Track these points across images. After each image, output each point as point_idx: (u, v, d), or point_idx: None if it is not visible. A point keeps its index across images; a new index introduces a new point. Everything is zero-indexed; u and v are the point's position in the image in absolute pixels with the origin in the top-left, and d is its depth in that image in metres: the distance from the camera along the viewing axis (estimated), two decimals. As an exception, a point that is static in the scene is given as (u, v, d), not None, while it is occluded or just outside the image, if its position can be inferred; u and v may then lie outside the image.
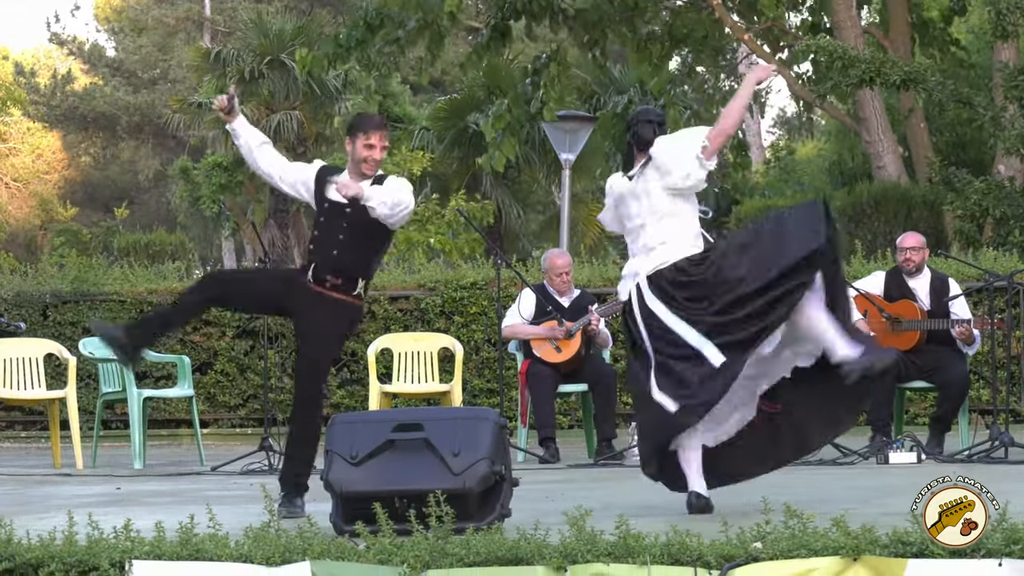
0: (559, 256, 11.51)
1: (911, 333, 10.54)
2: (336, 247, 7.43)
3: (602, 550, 4.96)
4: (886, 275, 10.91)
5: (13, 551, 5.20)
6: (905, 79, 18.28)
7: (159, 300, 15.02)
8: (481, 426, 6.32)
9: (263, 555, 5.08)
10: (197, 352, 14.93)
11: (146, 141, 44.09)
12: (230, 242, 38.65)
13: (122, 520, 5.36)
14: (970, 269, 13.24)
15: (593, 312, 11.06)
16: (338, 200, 7.45)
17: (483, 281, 14.78)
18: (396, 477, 6.17)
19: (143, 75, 45.43)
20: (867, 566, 4.84)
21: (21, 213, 44.49)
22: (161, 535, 5.25)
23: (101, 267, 16.21)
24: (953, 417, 10.69)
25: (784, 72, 22.34)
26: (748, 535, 4.98)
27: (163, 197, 45.10)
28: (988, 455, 9.91)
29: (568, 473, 9.94)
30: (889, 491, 7.82)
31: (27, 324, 14.05)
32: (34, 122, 45.16)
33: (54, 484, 9.67)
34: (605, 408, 11.05)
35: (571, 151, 18.61)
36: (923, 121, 22.73)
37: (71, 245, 32.08)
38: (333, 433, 6.40)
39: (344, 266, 7.42)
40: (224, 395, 15.10)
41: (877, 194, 21.70)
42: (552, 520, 5.31)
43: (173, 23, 43.94)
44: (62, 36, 47.64)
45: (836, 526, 4.97)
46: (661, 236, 7.09)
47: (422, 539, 5.11)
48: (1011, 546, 4.83)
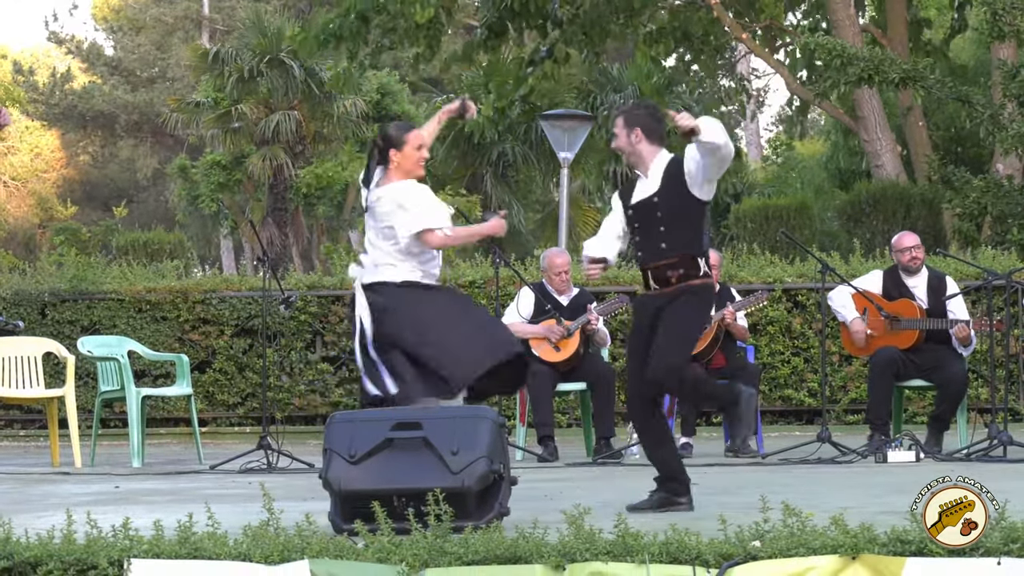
0: (558, 255, 11.49)
1: (910, 332, 10.54)
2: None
3: (601, 549, 4.96)
4: (884, 274, 10.91)
5: (11, 550, 5.19)
6: (904, 77, 18.30)
7: (158, 299, 15.03)
8: (480, 425, 6.32)
9: (262, 554, 5.08)
10: (195, 351, 14.93)
11: (144, 140, 44.11)
12: (228, 241, 38.68)
13: (121, 519, 5.35)
14: (969, 268, 13.25)
15: (592, 311, 11.06)
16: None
17: (482, 280, 14.78)
18: (395, 476, 6.16)
19: (141, 74, 45.44)
20: (866, 565, 4.84)
21: (20, 212, 44.48)
22: (160, 534, 5.25)
23: (100, 266, 16.21)
24: (952, 416, 10.69)
25: (782, 70, 22.35)
26: (747, 534, 4.98)
27: (161, 196, 45.12)
28: (987, 454, 9.91)
29: (567, 472, 9.94)
30: (888, 490, 7.82)
31: (26, 323, 14.06)
32: (33, 121, 45.17)
33: (52, 483, 9.67)
34: (604, 407, 11.04)
35: (569, 150, 18.60)
36: (922, 119, 22.75)
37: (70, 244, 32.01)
38: (332, 432, 6.39)
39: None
40: (223, 394, 15.10)
41: (875, 193, 21.73)
42: (551, 519, 5.31)
43: (171, 22, 43.94)
44: (60, 35, 47.66)
45: (835, 525, 4.97)
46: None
47: (421, 538, 5.11)
48: (1010, 545, 4.83)
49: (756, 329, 14.48)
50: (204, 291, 15.14)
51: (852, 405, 14.54)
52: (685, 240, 7.17)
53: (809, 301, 14.67)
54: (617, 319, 14.05)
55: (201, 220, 35.01)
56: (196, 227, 37.23)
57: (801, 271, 14.89)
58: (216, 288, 15.24)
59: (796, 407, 14.81)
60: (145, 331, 14.85)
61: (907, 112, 22.70)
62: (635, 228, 7.32)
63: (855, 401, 14.45)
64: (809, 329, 14.65)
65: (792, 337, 14.73)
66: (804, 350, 14.73)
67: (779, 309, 14.61)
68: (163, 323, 15.03)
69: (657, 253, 7.19)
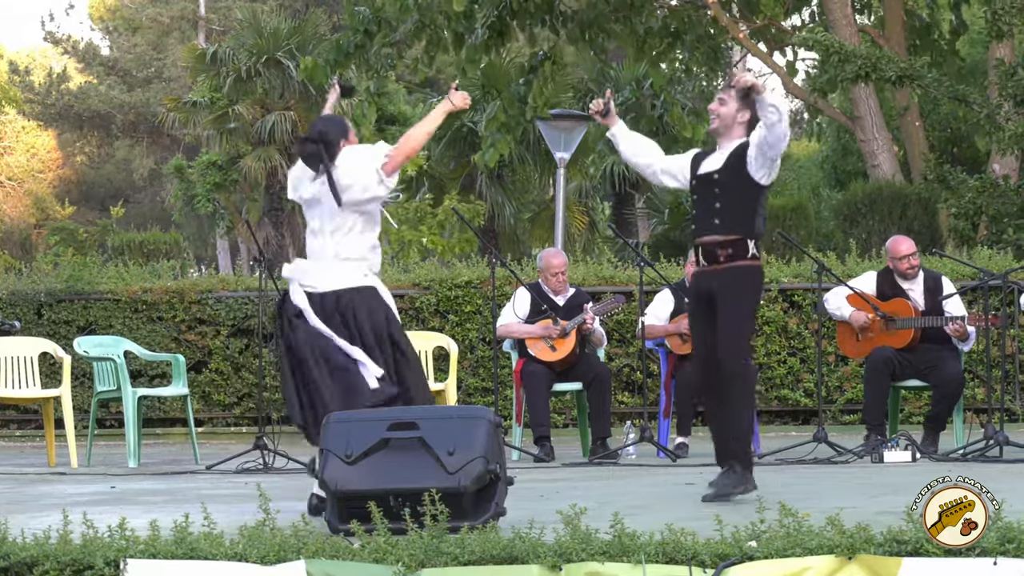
0: (555, 255, 11.48)
1: (905, 331, 10.54)
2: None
3: (597, 549, 4.96)
4: (878, 275, 10.89)
5: (8, 550, 5.19)
6: (901, 75, 18.30)
7: (154, 299, 15.02)
8: (476, 425, 6.32)
9: (258, 554, 5.08)
10: (192, 351, 14.92)
11: (141, 140, 44.10)
12: (225, 241, 38.65)
13: (117, 519, 5.35)
14: (965, 268, 13.25)
15: (588, 311, 11.06)
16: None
17: (478, 280, 14.77)
18: (391, 476, 6.16)
19: (138, 74, 45.43)
20: (862, 565, 4.84)
21: (16, 212, 44.50)
22: (156, 534, 5.25)
23: (96, 266, 16.20)
24: (948, 416, 10.70)
25: (779, 70, 22.34)
26: (743, 534, 4.98)
27: (158, 196, 45.12)
28: (983, 454, 9.91)
29: (563, 472, 9.94)
30: (884, 490, 7.82)
31: (22, 323, 14.04)
32: (29, 121, 45.18)
33: (49, 483, 9.66)
34: (600, 407, 11.04)
35: (566, 149, 18.61)
36: (918, 119, 22.75)
37: (66, 244, 32.06)
38: (328, 432, 6.39)
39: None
40: (219, 394, 15.09)
41: (871, 193, 21.71)
42: (547, 519, 5.31)
43: (168, 22, 43.92)
44: (57, 35, 47.63)
45: (831, 525, 4.97)
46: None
47: (417, 538, 5.10)
48: (1006, 545, 4.83)
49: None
50: (200, 291, 15.13)
51: (848, 405, 14.53)
52: (739, 220, 7.48)
53: (805, 301, 14.66)
54: (613, 319, 14.05)
55: (197, 220, 35.00)
56: (192, 227, 37.23)
57: (797, 271, 14.89)
58: (212, 288, 15.23)
59: (792, 407, 14.81)
60: (141, 331, 14.85)
61: (904, 112, 22.70)
62: (694, 200, 7.71)
63: (851, 401, 14.45)
64: (805, 329, 14.65)
65: (788, 337, 14.73)
66: (800, 350, 14.73)
67: (775, 309, 14.61)
68: (159, 323, 15.02)
69: (710, 228, 7.53)
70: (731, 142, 7.57)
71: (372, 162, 7.22)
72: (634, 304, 13.70)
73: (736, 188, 7.48)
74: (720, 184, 7.51)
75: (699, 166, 7.67)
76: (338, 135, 7.34)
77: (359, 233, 7.28)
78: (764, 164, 7.46)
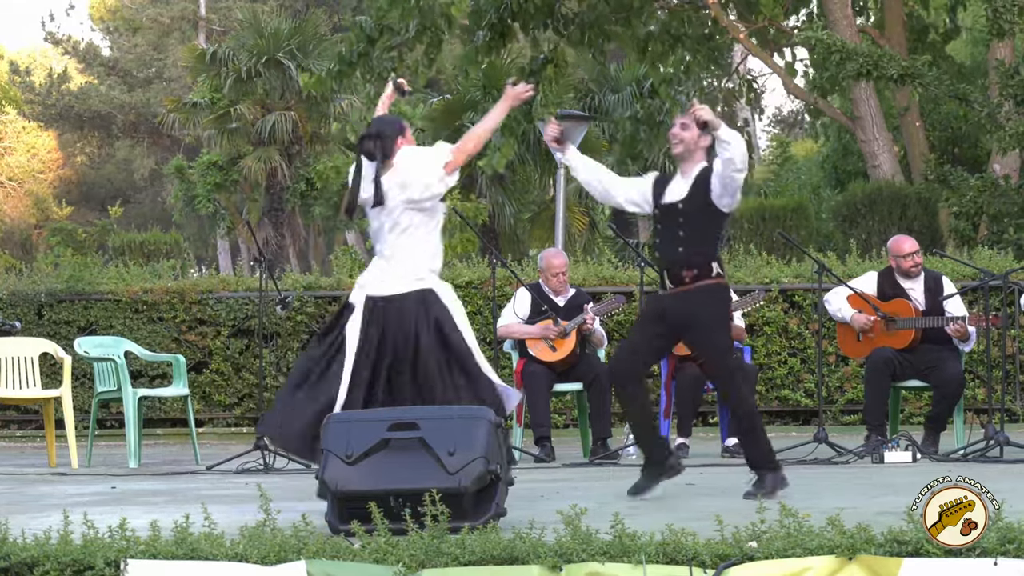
0: (556, 256, 11.48)
1: (906, 332, 10.53)
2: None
3: (597, 549, 4.96)
4: (878, 275, 10.88)
5: (8, 550, 5.19)
6: (902, 74, 18.30)
7: (154, 299, 15.02)
8: (476, 425, 6.31)
9: (258, 554, 5.08)
10: (192, 351, 14.92)
11: (141, 140, 44.12)
12: (225, 241, 38.65)
13: (117, 519, 5.35)
14: (966, 268, 13.24)
15: (588, 311, 11.05)
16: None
17: (478, 280, 14.76)
18: (391, 476, 6.16)
19: (138, 74, 45.45)
20: (862, 565, 4.84)
21: (16, 212, 44.50)
22: (156, 534, 5.25)
23: (96, 266, 16.21)
24: (948, 416, 10.69)
25: (779, 70, 22.35)
26: (743, 534, 4.98)
27: (158, 196, 45.13)
28: (983, 454, 9.91)
29: (563, 472, 9.94)
30: (884, 490, 7.82)
31: (22, 323, 14.04)
32: (29, 121, 45.19)
33: (49, 483, 9.66)
34: (600, 407, 11.03)
35: (566, 150, 18.55)
36: (918, 119, 22.76)
37: (66, 244, 32.11)
38: (328, 432, 6.38)
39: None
40: (219, 394, 15.09)
41: (872, 193, 21.72)
42: (547, 519, 5.31)
43: (168, 22, 43.93)
44: (57, 35, 47.68)
45: (831, 525, 4.97)
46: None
47: (417, 538, 5.10)
48: (1006, 545, 4.83)
49: (752, 330, 14.49)
50: (201, 292, 15.13)
51: (849, 406, 14.54)
52: (702, 247, 7.69)
53: (806, 302, 14.66)
54: (614, 319, 14.04)
55: (198, 220, 35.04)
56: (193, 227, 37.26)
57: (798, 271, 14.89)
58: (213, 289, 15.23)
59: (793, 408, 14.81)
60: (142, 332, 14.85)
61: (904, 112, 22.70)
62: (657, 228, 7.88)
63: (852, 402, 14.45)
64: (806, 329, 14.65)
65: (789, 338, 14.73)
66: (801, 350, 14.73)
67: (776, 310, 14.61)
68: (159, 324, 15.02)
69: (674, 255, 7.71)
70: (694, 166, 7.71)
71: (436, 161, 7.38)
72: (634, 304, 13.70)
73: (700, 217, 7.67)
74: (684, 214, 7.69)
75: (662, 194, 7.81)
76: (394, 133, 7.48)
77: (417, 232, 7.39)
78: (726, 193, 7.62)
